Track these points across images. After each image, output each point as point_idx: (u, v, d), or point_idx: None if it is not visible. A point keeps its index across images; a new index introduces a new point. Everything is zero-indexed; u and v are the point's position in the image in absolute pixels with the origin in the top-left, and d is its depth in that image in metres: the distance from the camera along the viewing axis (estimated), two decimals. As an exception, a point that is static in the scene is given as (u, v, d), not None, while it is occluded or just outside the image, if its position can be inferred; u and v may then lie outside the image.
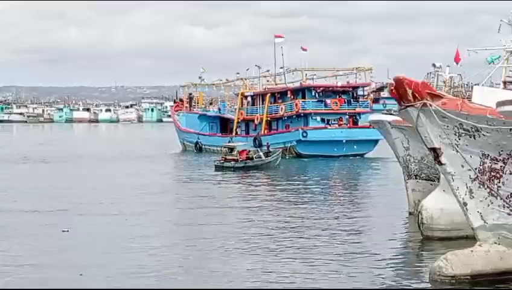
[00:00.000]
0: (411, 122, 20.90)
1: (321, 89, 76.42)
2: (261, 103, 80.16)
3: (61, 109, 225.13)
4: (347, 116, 74.97)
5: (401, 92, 20.10)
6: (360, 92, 78.42)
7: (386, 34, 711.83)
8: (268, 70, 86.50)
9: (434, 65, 38.87)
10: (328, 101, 74.76)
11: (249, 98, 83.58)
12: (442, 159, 20.61)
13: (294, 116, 75.46)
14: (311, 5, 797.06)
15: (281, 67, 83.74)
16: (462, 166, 20.55)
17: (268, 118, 78.50)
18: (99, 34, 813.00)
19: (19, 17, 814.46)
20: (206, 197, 41.22)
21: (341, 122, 74.09)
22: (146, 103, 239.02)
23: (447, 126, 20.15)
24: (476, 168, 20.56)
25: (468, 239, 23.54)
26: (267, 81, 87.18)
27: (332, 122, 74.14)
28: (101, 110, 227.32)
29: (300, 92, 76.81)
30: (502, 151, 20.28)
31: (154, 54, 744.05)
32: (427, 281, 21.30)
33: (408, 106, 20.15)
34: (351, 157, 70.37)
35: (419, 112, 20.04)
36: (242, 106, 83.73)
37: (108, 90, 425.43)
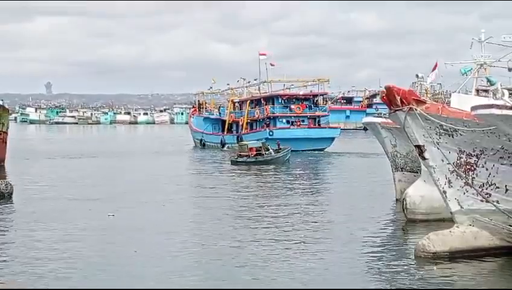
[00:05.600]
0: (399, 124, 20.84)
1: (287, 96, 79.76)
2: (245, 108, 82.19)
3: (106, 113, 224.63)
4: (308, 119, 77.62)
5: (391, 98, 20.20)
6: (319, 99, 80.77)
7: (380, 49, 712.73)
8: (249, 82, 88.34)
9: (417, 76, 38.69)
10: (292, 106, 77.92)
11: (237, 104, 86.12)
12: (426, 155, 20.67)
13: (266, 119, 77.83)
14: (320, 25, 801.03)
15: (255, 79, 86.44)
16: (442, 160, 20.61)
17: (249, 120, 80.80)
18: (139, 50, 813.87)
19: (74, 36, 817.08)
20: (227, 186, 41.14)
21: (299, 123, 76.89)
22: (177, 108, 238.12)
23: (430, 127, 20.22)
24: (453, 162, 20.56)
25: (445, 221, 23.54)
26: (257, 90, 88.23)
27: (297, 123, 77.09)
28: (140, 113, 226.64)
29: (271, 99, 79.51)
30: (475, 148, 20.32)
31: (185, 66, 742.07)
32: (412, 256, 21.24)
33: (397, 110, 20.28)
34: (316, 152, 71.94)
35: (406, 115, 20.13)
36: (233, 110, 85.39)
37: (145, 97, 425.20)
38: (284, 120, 77.18)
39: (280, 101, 78.51)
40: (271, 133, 73.41)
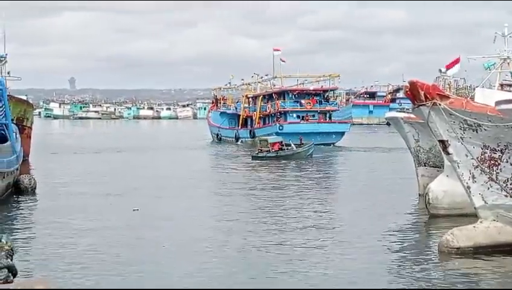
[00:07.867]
0: (423, 119, 20.76)
1: (297, 91, 80.00)
2: (258, 103, 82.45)
3: (130, 108, 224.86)
4: (318, 113, 77.69)
5: (415, 93, 20.13)
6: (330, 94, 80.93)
7: (404, 44, 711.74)
8: (262, 77, 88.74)
9: (440, 70, 38.51)
10: (303, 101, 78.11)
11: (251, 99, 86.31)
12: (450, 150, 20.57)
13: (277, 113, 78.07)
14: (344, 20, 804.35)
15: (266, 75, 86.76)
16: (466, 155, 20.48)
17: (262, 115, 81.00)
18: (162, 45, 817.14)
19: (98, 31, 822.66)
20: (250, 181, 41.14)
21: (309, 118, 77.07)
22: (200, 103, 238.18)
23: (454, 122, 20.11)
24: (477, 157, 20.44)
25: (468, 217, 23.37)
26: (273, 85, 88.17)
27: (307, 118, 77.27)
28: (163, 108, 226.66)
29: (282, 94, 79.80)
30: (500, 143, 20.19)
31: (208, 61, 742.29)
32: (436, 252, 21.13)
33: (420, 105, 20.21)
34: (336, 147, 72.56)
35: (430, 110, 20.03)
36: (248, 105, 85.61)
37: (168, 92, 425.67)
38: (295, 115, 77.59)
39: (291, 96, 79.04)
40: (281, 128, 74.02)
